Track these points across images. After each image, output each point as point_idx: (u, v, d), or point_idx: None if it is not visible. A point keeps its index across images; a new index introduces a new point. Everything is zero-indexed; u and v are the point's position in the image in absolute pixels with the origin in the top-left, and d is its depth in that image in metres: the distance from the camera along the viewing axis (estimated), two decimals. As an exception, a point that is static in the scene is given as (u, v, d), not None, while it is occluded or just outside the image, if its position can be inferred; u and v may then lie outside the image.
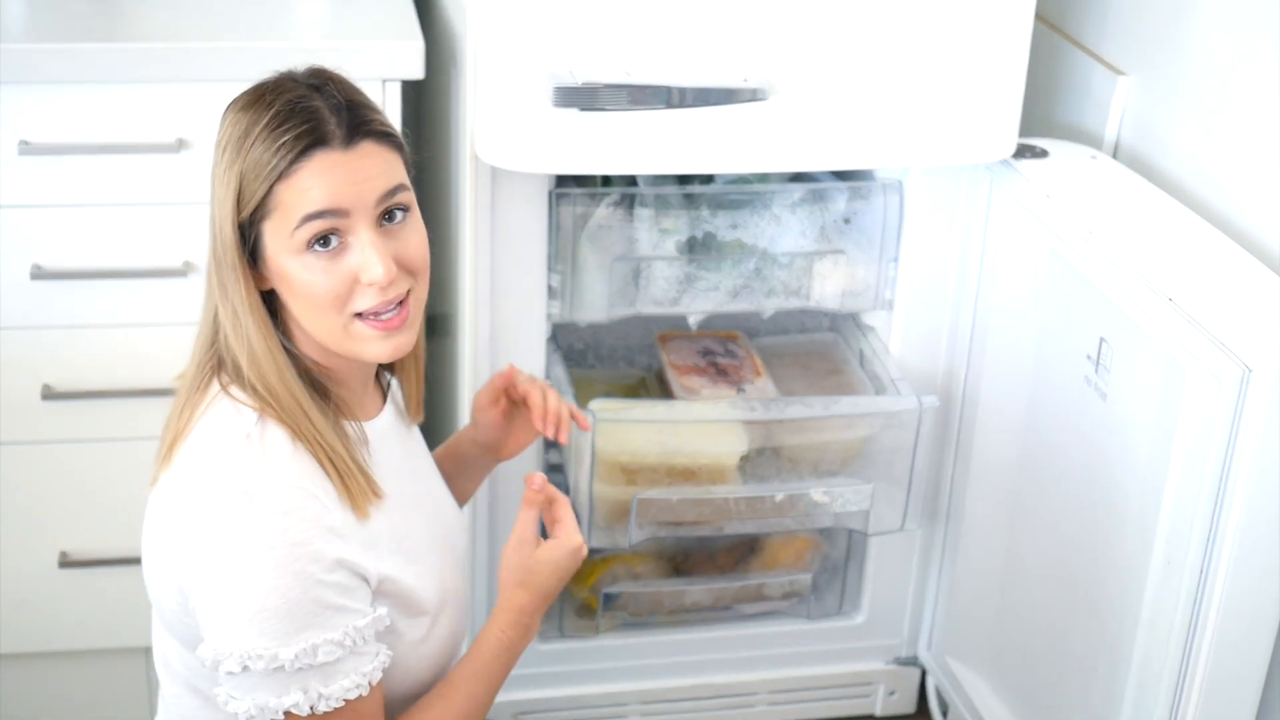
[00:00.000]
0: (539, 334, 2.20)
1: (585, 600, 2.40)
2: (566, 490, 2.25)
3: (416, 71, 2.15)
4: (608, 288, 2.20)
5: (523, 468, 2.25)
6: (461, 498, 1.92)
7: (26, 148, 2.09)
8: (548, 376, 2.23)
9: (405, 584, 1.58)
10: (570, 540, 1.70)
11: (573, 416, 1.89)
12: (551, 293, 2.19)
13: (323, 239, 1.49)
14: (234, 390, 1.53)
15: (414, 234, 1.55)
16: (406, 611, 1.59)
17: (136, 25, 2.19)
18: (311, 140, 1.47)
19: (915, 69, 2.06)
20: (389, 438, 1.66)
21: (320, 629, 1.46)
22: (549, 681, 2.41)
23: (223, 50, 2.10)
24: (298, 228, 1.48)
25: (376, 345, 1.54)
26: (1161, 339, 1.83)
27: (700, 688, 2.46)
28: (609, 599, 2.38)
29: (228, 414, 1.52)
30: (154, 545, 1.55)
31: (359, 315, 1.52)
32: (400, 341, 1.55)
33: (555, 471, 2.30)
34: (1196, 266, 1.91)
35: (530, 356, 2.19)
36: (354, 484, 1.53)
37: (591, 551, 2.35)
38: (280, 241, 1.49)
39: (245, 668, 1.45)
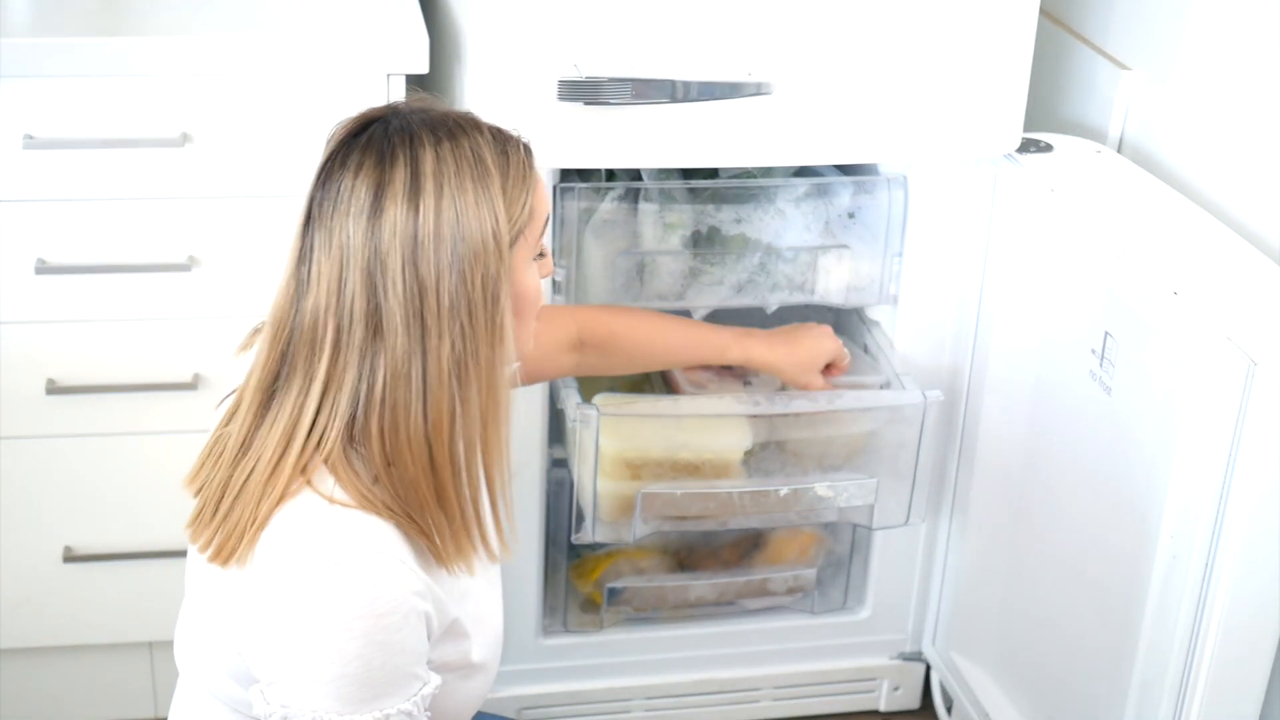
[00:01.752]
0: (543, 328, 2.20)
1: (589, 595, 2.40)
2: (571, 485, 2.25)
3: (420, 65, 2.15)
4: (612, 282, 2.20)
5: (525, 468, 2.26)
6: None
7: (31, 142, 2.09)
8: (552, 371, 2.23)
9: (466, 619, 1.54)
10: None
11: None
12: (556, 287, 2.18)
13: None
14: (323, 484, 1.42)
15: None
16: (459, 653, 1.55)
17: (141, 19, 2.19)
18: (530, 148, 1.50)
19: (919, 63, 2.05)
20: None
21: (394, 697, 1.42)
22: (553, 676, 2.41)
23: (227, 44, 2.10)
24: (543, 231, 1.51)
25: (533, 339, 1.58)
26: (1166, 333, 1.83)
27: (704, 683, 2.46)
28: (613, 594, 2.38)
29: (315, 507, 1.43)
30: (219, 619, 1.49)
31: None
32: None
33: (559, 466, 2.30)
34: (1201, 261, 1.91)
35: (534, 351, 2.19)
36: (471, 548, 1.49)
37: (595, 546, 2.35)
38: (527, 253, 1.49)
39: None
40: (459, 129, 1.45)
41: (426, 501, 1.45)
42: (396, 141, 1.43)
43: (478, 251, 1.42)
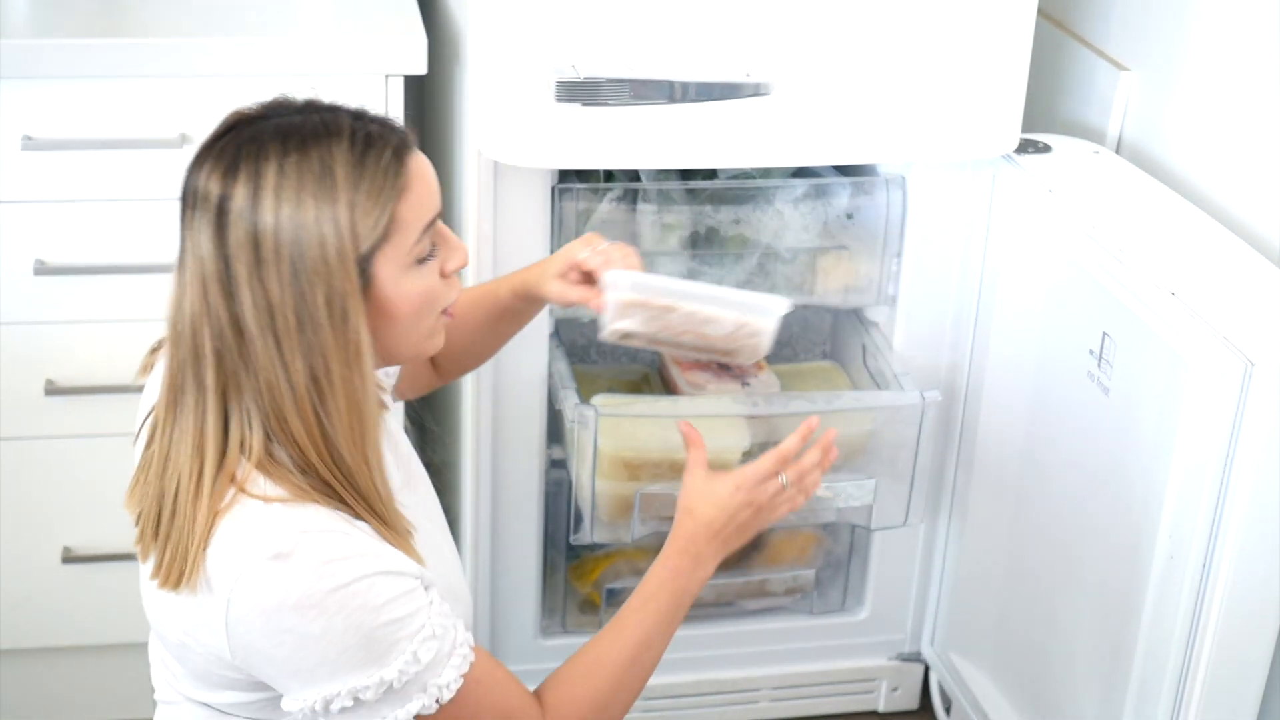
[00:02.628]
0: (542, 329, 2.20)
1: (588, 596, 2.40)
2: (569, 485, 2.25)
3: (419, 67, 2.15)
4: (610, 283, 2.20)
5: (524, 469, 2.26)
6: (485, 353, 1.91)
7: (30, 143, 2.09)
8: (550, 373, 2.23)
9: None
10: (729, 478, 1.69)
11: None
12: (554, 288, 2.18)
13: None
14: (254, 483, 1.43)
15: None
16: None
17: (139, 20, 2.19)
18: (404, 152, 1.46)
19: (918, 64, 2.05)
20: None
21: (408, 640, 1.43)
22: (552, 677, 2.41)
23: (226, 45, 2.10)
24: (419, 240, 1.46)
25: (443, 335, 1.55)
26: (1164, 333, 1.83)
27: (703, 683, 2.46)
28: (612, 595, 2.38)
29: (253, 511, 1.43)
30: (177, 627, 1.48)
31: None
32: None
33: (558, 467, 2.30)
34: (1199, 261, 1.91)
35: (533, 352, 2.19)
36: (392, 535, 1.49)
37: (594, 547, 2.35)
38: (398, 263, 1.45)
39: (357, 699, 1.43)
40: (314, 138, 1.42)
41: (348, 491, 1.45)
42: (244, 153, 1.41)
43: (318, 269, 1.39)
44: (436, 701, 1.46)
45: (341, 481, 1.45)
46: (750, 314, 1.71)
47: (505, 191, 2.10)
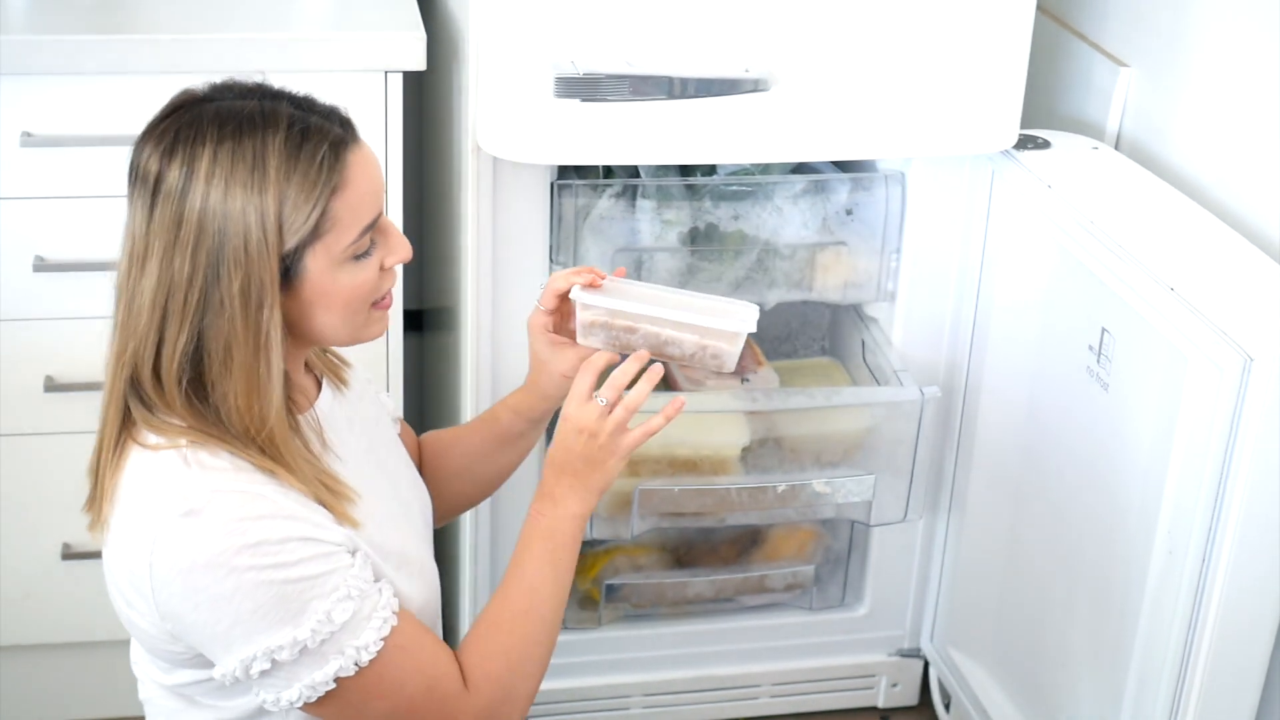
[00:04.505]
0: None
1: (587, 592, 2.40)
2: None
3: (418, 63, 2.15)
4: (610, 279, 2.20)
5: (525, 478, 2.26)
6: (499, 475, 1.90)
7: (29, 139, 2.09)
8: (550, 368, 2.23)
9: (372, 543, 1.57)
10: (567, 407, 1.66)
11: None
12: (554, 284, 2.18)
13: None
14: (148, 436, 1.49)
15: None
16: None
17: (138, 17, 2.19)
18: (342, 148, 1.46)
19: (917, 59, 2.05)
20: (334, 414, 1.63)
21: (322, 598, 1.45)
22: (551, 673, 2.38)
23: (224, 42, 2.10)
24: (358, 239, 1.47)
25: (382, 324, 1.55)
26: (1163, 329, 1.83)
27: (703, 679, 2.46)
28: (611, 591, 2.38)
29: (151, 458, 1.48)
30: (120, 597, 1.52)
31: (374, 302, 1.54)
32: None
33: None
34: (1198, 256, 1.91)
35: (532, 348, 2.19)
36: (329, 496, 1.51)
37: (594, 543, 2.35)
38: (331, 258, 1.46)
39: (274, 661, 1.44)
40: (250, 126, 1.43)
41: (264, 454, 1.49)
42: (182, 135, 1.44)
43: (238, 258, 1.42)
44: (356, 664, 1.46)
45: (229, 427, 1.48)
46: (711, 337, 1.70)
47: (504, 188, 2.10)
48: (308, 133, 1.44)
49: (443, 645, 1.56)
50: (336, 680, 1.47)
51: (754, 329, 1.73)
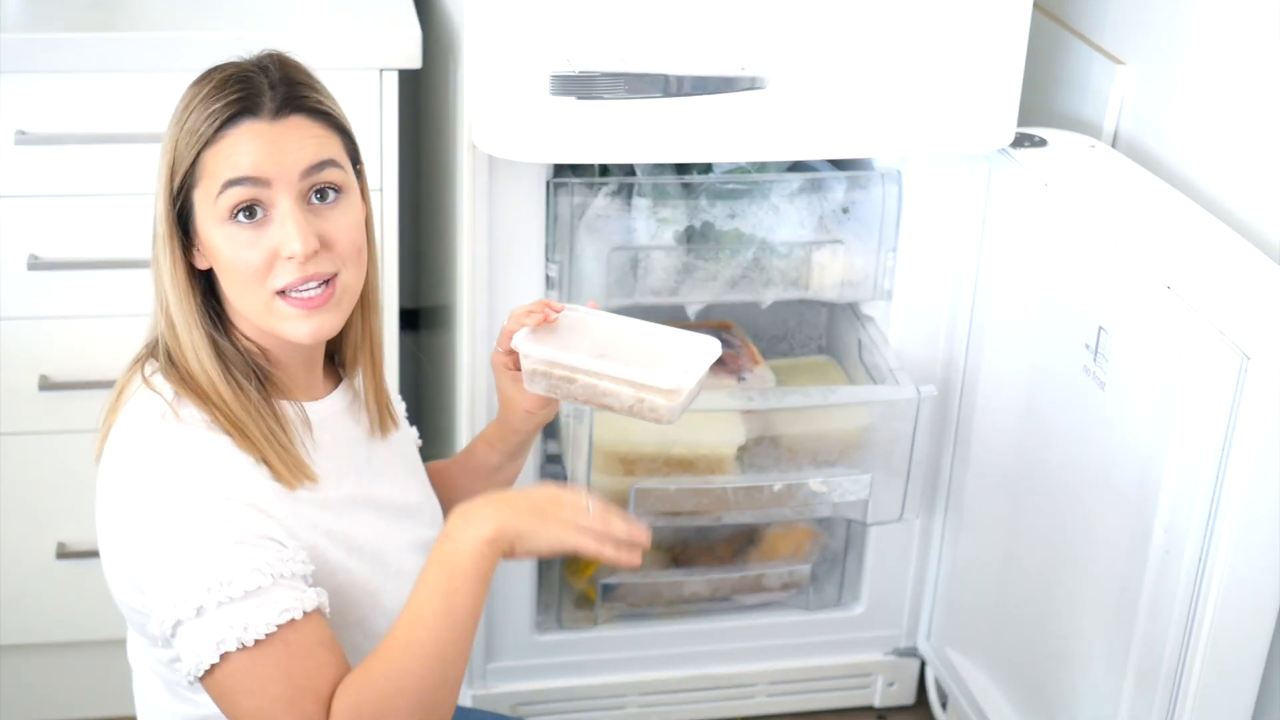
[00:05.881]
0: (537, 324, 2.19)
1: (583, 591, 2.40)
2: (564, 480, 2.24)
3: (414, 61, 2.15)
4: (606, 278, 2.20)
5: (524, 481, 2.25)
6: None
7: (24, 137, 2.09)
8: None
9: (339, 578, 1.55)
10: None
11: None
12: (549, 283, 2.18)
13: (247, 209, 1.49)
14: (155, 379, 1.55)
15: (344, 216, 1.53)
16: (342, 608, 1.56)
17: (133, 15, 2.19)
18: (240, 109, 1.49)
19: (914, 58, 2.05)
20: (336, 423, 1.63)
21: (228, 565, 1.44)
22: (547, 673, 2.41)
23: (219, 40, 2.10)
24: (220, 194, 1.49)
25: (296, 324, 1.52)
26: (1160, 328, 1.83)
27: (699, 679, 2.46)
28: (607, 590, 2.38)
29: (144, 401, 1.54)
30: (101, 540, 1.57)
31: (281, 293, 1.51)
32: (321, 322, 1.52)
33: (553, 462, 2.30)
34: (1195, 255, 1.91)
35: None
36: (276, 458, 1.52)
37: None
38: (206, 209, 1.51)
39: (177, 621, 1.44)
40: (203, 77, 1.53)
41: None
42: None
43: (157, 188, 1.55)
44: (240, 642, 1.43)
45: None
46: (647, 391, 1.66)
47: (500, 186, 2.10)
48: (223, 85, 1.50)
49: (337, 666, 1.47)
50: (224, 657, 1.43)
51: (697, 379, 1.66)
